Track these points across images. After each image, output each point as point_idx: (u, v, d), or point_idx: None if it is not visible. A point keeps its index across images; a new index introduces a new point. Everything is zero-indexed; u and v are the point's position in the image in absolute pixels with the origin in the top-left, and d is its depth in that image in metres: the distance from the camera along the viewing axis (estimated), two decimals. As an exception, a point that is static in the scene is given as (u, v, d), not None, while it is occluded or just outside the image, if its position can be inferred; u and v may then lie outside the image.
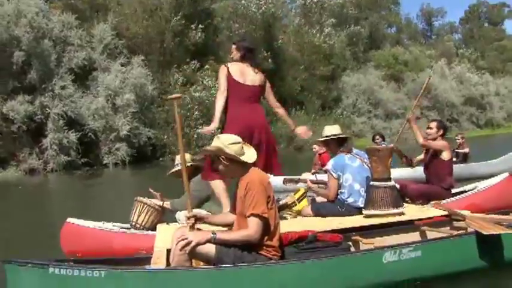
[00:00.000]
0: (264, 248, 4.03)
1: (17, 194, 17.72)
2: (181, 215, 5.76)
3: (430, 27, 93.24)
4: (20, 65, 28.76)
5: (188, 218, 4.22)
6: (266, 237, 4.02)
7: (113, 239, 5.80)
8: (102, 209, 10.72)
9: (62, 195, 17.12)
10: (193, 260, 4.10)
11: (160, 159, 31.37)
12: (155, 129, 32.11)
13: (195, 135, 30.69)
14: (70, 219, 6.01)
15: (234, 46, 5.77)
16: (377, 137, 12.80)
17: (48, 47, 29.21)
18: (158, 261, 4.55)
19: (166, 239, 4.73)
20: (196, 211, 4.86)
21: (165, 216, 6.22)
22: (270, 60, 41.30)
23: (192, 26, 37.76)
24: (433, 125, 7.06)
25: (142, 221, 6.02)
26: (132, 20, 36.66)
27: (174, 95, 4.73)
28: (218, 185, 5.53)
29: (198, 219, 4.29)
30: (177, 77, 35.55)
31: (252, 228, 3.91)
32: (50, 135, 28.02)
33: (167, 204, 6.16)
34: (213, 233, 3.94)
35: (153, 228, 5.85)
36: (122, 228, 6.07)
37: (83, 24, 33.14)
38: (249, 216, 3.92)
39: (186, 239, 3.89)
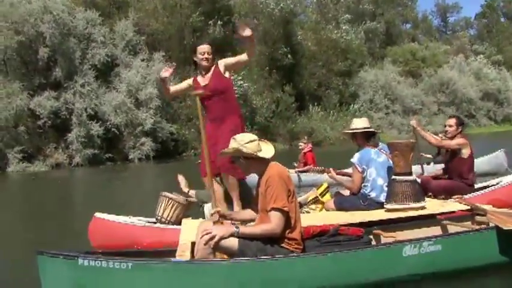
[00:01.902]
0: (286, 241, 4.10)
1: (43, 188, 17.96)
2: (206, 208, 5.95)
3: (445, 23, 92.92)
4: (45, 61, 29.30)
5: (212, 214, 4.39)
6: (288, 231, 4.09)
7: (139, 233, 5.89)
8: (128, 203, 10.80)
9: (88, 189, 17.42)
10: (216, 253, 4.17)
11: (184, 154, 31.84)
12: (177, 125, 32.49)
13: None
14: (98, 214, 6.13)
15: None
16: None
17: (73, 44, 29.73)
18: (183, 254, 4.60)
19: (191, 232, 4.85)
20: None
21: (190, 210, 6.29)
22: (289, 56, 41.79)
23: (211, 22, 38.25)
24: (452, 122, 6.93)
25: (168, 215, 6.07)
26: (152, 16, 37.06)
27: (197, 91, 4.82)
28: (211, 184, 5.20)
29: (222, 215, 4.45)
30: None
31: (273, 222, 3.99)
32: (74, 130, 28.52)
33: (192, 193, 6.26)
34: (236, 227, 4.05)
35: (179, 223, 5.92)
36: (148, 222, 6.14)
37: (106, 21, 33.59)
38: (270, 211, 4.01)
39: (210, 233, 3.99)
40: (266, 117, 36.81)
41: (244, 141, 4.18)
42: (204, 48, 5.80)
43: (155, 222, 6.12)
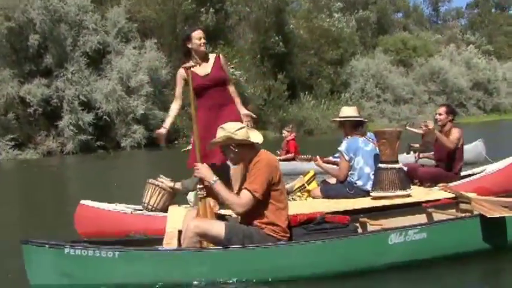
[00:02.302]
0: (272, 228, 4.12)
1: (34, 176, 17.98)
2: (192, 196, 5.83)
3: (436, 13, 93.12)
4: (36, 48, 29.13)
5: (200, 189, 4.34)
6: (272, 217, 4.12)
7: (125, 220, 5.84)
8: (118, 190, 10.83)
9: (78, 177, 17.38)
10: (203, 241, 4.18)
11: (175, 142, 31.89)
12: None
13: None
14: (83, 201, 6.06)
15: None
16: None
17: (64, 30, 29.55)
18: (170, 242, 4.61)
19: (177, 220, 4.83)
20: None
21: (176, 198, 6.22)
22: (281, 44, 41.76)
23: (203, 9, 38.13)
24: (442, 110, 6.91)
25: (154, 203, 6.01)
26: (144, 3, 36.94)
27: (188, 64, 4.67)
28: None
29: (208, 191, 4.34)
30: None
31: (241, 199, 4.02)
32: (65, 117, 28.47)
33: (178, 185, 6.18)
34: (214, 180, 4.08)
35: (165, 210, 5.86)
36: (135, 210, 6.09)
37: (98, 7, 33.37)
38: (243, 189, 4.06)
39: (199, 169, 4.17)
40: (258, 106, 36.86)
41: (235, 128, 4.18)
42: (200, 33, 5.57)
43: (142, 210, 6.08)
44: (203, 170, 4.17)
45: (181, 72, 5.59)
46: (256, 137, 4.26)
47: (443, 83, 53.04)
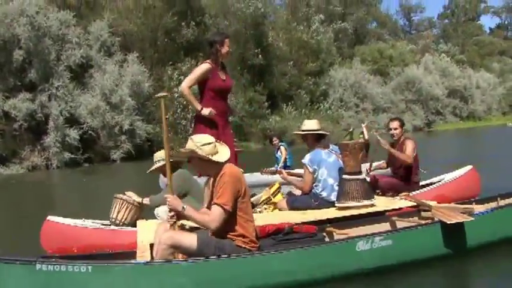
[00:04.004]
0: (242, 240, 4.18)
1: (15, 191, 17.67)
2: (160, 211, 5.94)
3: (409, 23, 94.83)
4: (20, 63, 28.97)
5: (171, 217, 4.30)
6: (241, 229, 4.18)
7: (93, 235, 5.84)
8: (96, 205, 10.63)
9: (60, 192, 17.19)
10: (176, 253, 4.22)
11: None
12: (152, 125, 32.52)
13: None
14: (50, 217, 6.05)
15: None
16: (274, 138, 12.51)
17: (48, 45, 29.46)
18: (143, 255, 4.64)
19: (148, 234, 4.89)
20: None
21: (143, 212, 6.29)
22: (260, 56, 42.14)
23: (184, 23, 38.38)
24: (397, 124, 7.14)
25: (122, 218, 6.06)
26: (125, 17, 36.97)
27: (160, 94, 4.77)
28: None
29: (179, 216, 4.34)
30: (171, 74, 35.99)
31: (212, 216, 4.06)
32: (51, 134, 28.32)
33: (146, 200, 6.20)
34: (183, 207, 4.12)
35: (133, 225, 5.94)
36: (102, 224, 6.11)
37: (80, 21, 33.37)
38: (213, 205, 4.09)
39: (169, 201, 4.18)
40: (240, 117, 37.14)
41: (201, 143, 4.21)
42: (229, 42, 5.73)
43: (109, 225, 6.11)
44: (172, 202, 4.19)
45: (204, 66, 5.70)
46: (221, 155, 4.26)
47: (419, 91, 53.87)
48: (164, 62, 36.95)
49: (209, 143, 4.22)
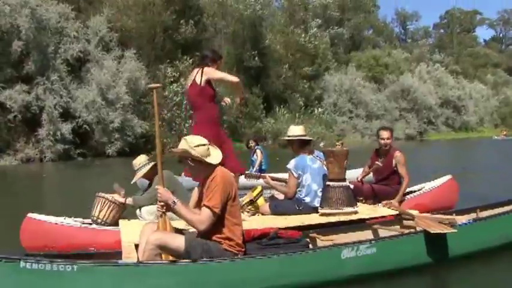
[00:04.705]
0: (229, 243, 4.16)
1: (4, 184, 17.41)
2: (144, 212, 6.01)
3: (405, 31, 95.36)
4: (18, 54, 28.89)
5: (161, 207, 4.23)
6: (228, 232, 4.16)
7: (73, 234, 5.74)
8: (82, 200, 10.16)
9: (51, 186, 17.00)
10: (163, 254, 4.15)
11: (153, 152, 31.78)
12: (147, 122, 32.67)
13: (186, 126, 31.75)
14: (31, 214, 5.92)
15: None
16: (250, 141, 12.47)
17: (46, 38, 29.45)
18: (129, 256, 4.55)
19: (131, 234, 4.84)
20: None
21: (125, 212, 6.22)
22: (256, 58, 42.43)
23: (182, 21, 38.53)
24: (389, 134, 7.16)
25: (104, 216, 5.98)
26: (124, 13, 37.10)
27: (153, 85, 4.75)
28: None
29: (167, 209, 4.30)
30: (168, 71, 36.20)
31: (201, 217, 4.03)
32: (45, 127, 28.29)
33: (129, 200, 6.15)
34: (174, 202, 4.10)
35: (115, 224, 5.88)
36: (84, 223, 6.01)
37: (79, 16, 33.39)
38: (202, 206, 4.07)
39: (160, 193, 4.15)
40: (235, 118, 37.36)
41: (194, 143, 4.20)
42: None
43: (91, 223, 6.03)
44: (164, 194, 4.17)
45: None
46: (214, 157, 4.25)
47: (413, 100, 54.30)
48: (162, 59, 37.10)
49: (203, 145, 4.22)
